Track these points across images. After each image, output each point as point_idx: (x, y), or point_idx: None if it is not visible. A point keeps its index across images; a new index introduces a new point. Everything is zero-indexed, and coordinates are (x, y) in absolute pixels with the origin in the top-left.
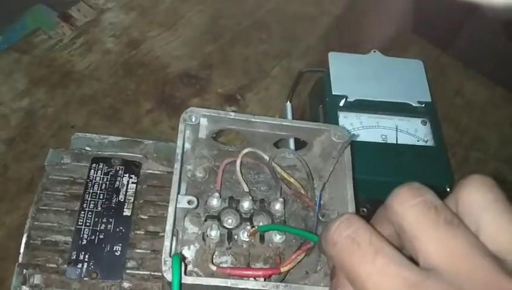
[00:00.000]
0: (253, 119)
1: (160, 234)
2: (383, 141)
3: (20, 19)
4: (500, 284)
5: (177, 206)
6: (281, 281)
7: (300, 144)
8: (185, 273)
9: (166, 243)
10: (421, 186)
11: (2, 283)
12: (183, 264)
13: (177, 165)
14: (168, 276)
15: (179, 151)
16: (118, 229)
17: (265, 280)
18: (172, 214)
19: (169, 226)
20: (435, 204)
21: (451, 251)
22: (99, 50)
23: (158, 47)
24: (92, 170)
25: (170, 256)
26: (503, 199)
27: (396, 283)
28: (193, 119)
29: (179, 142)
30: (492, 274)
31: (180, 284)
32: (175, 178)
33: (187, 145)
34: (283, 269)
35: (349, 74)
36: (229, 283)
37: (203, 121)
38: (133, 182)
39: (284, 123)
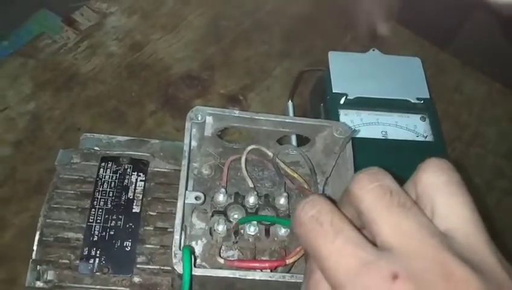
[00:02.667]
0: (257, 117)
1: (169, 230)
2: (383, 137)
3: (25, 24)
4: (444, 260)
5: (185, 202)
6: (286, 273)
7: (303, 141)
8: (195, 266)
9: (176, 236)
10: (379, 172)
11: (14, 282)
12: (192, 257)
13: (184, 162)
14: (179, 268)
15: (186, 148)
16: (127, 226)
17: (271, 272)
18: (181, 208)
19: (178, 220)
20: (391, 188)
21: (403, 231)
22: (103, 53)
23: (161, 49)
24: (101, 169)
25: (180, 249)
26: (456, 181)
27: (352, 262)
28: (199, 118)
29: (186, 140)
30: (438, 251)
31: (191, 276)
32: (183, 174)
33: (193, 143)
34: (288, 261)
35: (349, 72)
36: (237, 274)
37: (209, 120)
38: (141, 180)
39: (287, 120)
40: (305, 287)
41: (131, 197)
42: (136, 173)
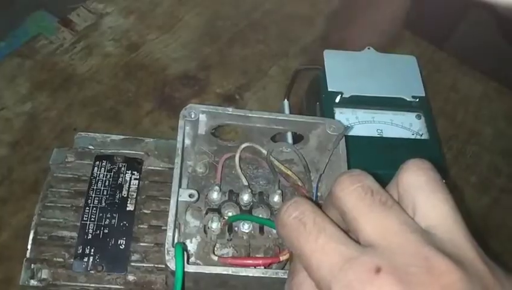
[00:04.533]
0: (250, 114)
1: (163, 228)
2: (378, 135)
3: (22, 25)
4: (426, 254)
5: (179, 199)
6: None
7: (297, 138)
8: (188, 263)
9: (169, 233)
10: (360, 173)
11: (10, 282)
12: (185, 253)
13: (177, 160)
14: (172, 265)
15: (179, 145)
16: (121, 224)
17: (265, 269)
18: (174, 205)
19: (171, 217)
20: (372, 188)
21: (385, 228)
22: (100, 53)
23: (157, 49)
24: (96, 168)
25: (173, 246)
26: (436, 180)
27: (335, 258)
28: (192, 116)
29: (179, 137)
30: (420, 246)
31: (183, 273)
32: (176, 172)
33: (187, 141)
34: (282, 258)
35: (344, 70)
36: (231, 271)
37: (202, 117)
38: (135, 178)
39: (280, 117)
40: (290, 286)
41: (125, 196)
42: (130, 172)
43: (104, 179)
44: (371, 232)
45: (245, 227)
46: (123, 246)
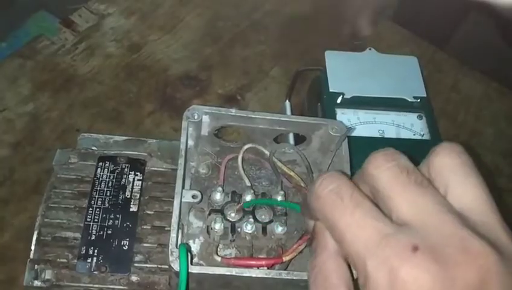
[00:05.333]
0: (253, 116)
1: (166, 229)
2: (380, 136)
3: (23, 25)
4: (461, 235)
5: (182, 200)
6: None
7: (299, 139)
8: (191, 264)
9: (173, 234)
10: (395, 152)
11: (12, 283)
12: (189, 254)
13: (181, 161)
14: (176, 266)
15: (182, 146)
16: (125, 225)
17: (268, 269)
18: (177, 206)
19: (175, 219)
20: (407, 167)
21: (420, 208)
22: (101, 54)
23: (158, 50)
24: (99, 169)
25: (176, 247)
26: (469, 164)
27: (372, 234)
28: (195, 117)
29: (182, 138)
30: (455, 227)
31: (187, 273)
32: (179, 173)
33: (190, 142)
34: (285, 258)
35: (345, 71)
36: (234, 271)
37: (205, 118)
38: (138, 179)
39: (283, 119)
40: (313, 265)
41: (128, 197)
42: (133, 173)
43: (107, 180)
44: (406, 211)
45: (248, 228)
46: (126, 246)
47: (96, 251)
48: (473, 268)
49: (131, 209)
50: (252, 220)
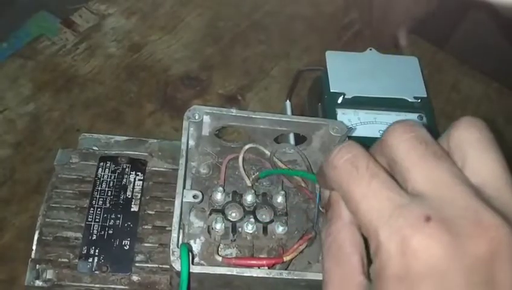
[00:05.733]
0: (254, 116)
1: (167, 229)
2: (380, 136)
3: (24, 26)
4: (475, 207)
5: (183, 200)
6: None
7: (300, 139)
8: (193, 264)
9: (174, 234)
10: (414, 123)
11: (13, 282)
12: (190, 254)
13: (182, 161)
14: (177, 266)
15: (183, 147)
16: (126, 225)
17: (269, 269)
18: (178, 206)
19: (176, 218)
20: (426, 139)
21: (436, 179)
22: (102, 54)
23: (159, 50)
24: (100, 169)
25: (178, 247)
26: (489, 138)
27: (386, 204)
28: (196, 117)
29: (183, 139)
30: (469, 200)
31: (189, 273)
32: (180, 173)
33: (191, 142)
34: (286, 258)
35: (346, 71)
36: (235, 271)
37: (206, 119)
38: (139, 179)
39: (284, 119)
40: (327, 233)
41: (129, 197)
42: (134, 173)
43: (109, 180)
44: (422, 182)
45: (249, 228)
46: (127, 246)
47: (97, 250)
48: (484, 240)
49: (132, 209)
50: (252, 220)
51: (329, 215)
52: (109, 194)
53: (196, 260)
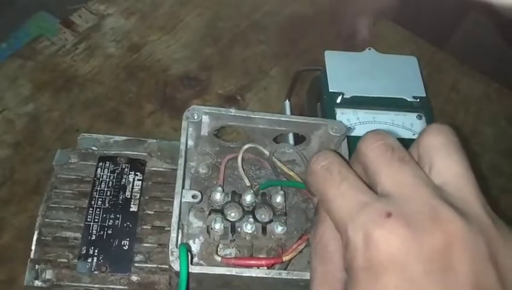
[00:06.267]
0: (252, 116)
1: (166, 229)
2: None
3: (23, 26)
4: (433, 204)
5: (182, 200)
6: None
7: (299, 139)
8: (191, 264)
9: (173, 234)
10: (383, 132)
11: (13, 283)
12: (189, 254)
13: (181, 161)
14: (176, 266)
15: (182, 147)
16: (125, 225)
17: (268, 269)
18: (177, 206)
19: (175, 218)
20: (393, 146)
21: (399, 180)
22: (101, 55)
23: (158, 50)
24: (99, 169)
25: (177, 247)
26: (454, 142)
27: (353, 203)
28: (195, 117)
29: (182, 139)
30: (428, 197)
31: (188, 273)
32: (179, 173)
33: (190, 142)
34: (285, 258)
35: (345, 71)
36: (234, 271)
37: (205, 118)
38: (138, 179)
39: (283, 118)
40: (313, 236)
41: (128, 197)
42: (133, 173)
43: (108, 180)
44: (387, 183)
45: (248, 228)
46: (127, 246)
47: (96, 250)
48: (440, 233)
49: (131, 209)
50: (252, 220)
51: (315, 219)
52: (108, 194)
53: (195, 260)
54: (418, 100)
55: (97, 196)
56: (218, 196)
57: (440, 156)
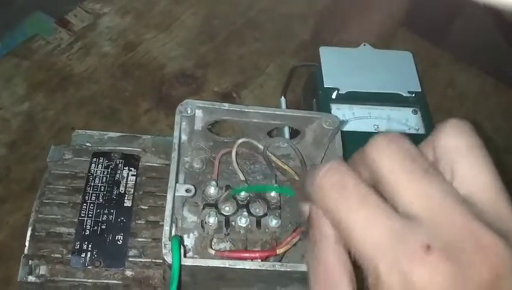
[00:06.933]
0: (246, 110)
1: (160, 223)
2: (375, 131)
3: (19, 25)
4: (473, 227)
5: (176, 194)
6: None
7: (293, 133)
8: (185, 257)
9: (166, 227)
10: (398, 135)
11: (8, 281)
12: (182, 247)
13: (174, 154)
14: (169, 258)
15: (175, 141)
16: (119, 220)
17: (262, 262)
18: (171, 200)
19: (168, 212)
20: (411, 153)
21: (428, 199)
22: (97, 53)
23: (154, 49)
24: (93, 164)
25: (170, 240)
26: (477, 145)
27: (382, 232)
28: (188, 111)
29: (176, 133)
30: (466, 219)
31: (180, 265)
32: (173, 167)
33: (184, 137)
34: (279, 251)
35: (340, 67)
36: (227, 263)
37: (199, 113)
38: (132, 175)
39: (277, 112)
40: (313, 255)
41: (122, 192)
42: (127, 168)
43: (102, 175)
44: (414, 202)
45: (242, 221)
46: (121, 241)
47: (90, 246)
48: (486, 265)
49: (125, 205)
50: (246, 213)
51: (312, 234)
52: (102, 189)
53: (189, 254)
54: (414, 95)
55: (91, 192)
56: (212, 190)
57: (464, 161)
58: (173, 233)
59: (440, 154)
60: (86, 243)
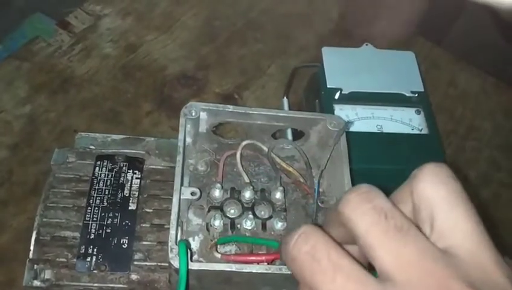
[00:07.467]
0: (250, 112)
1: (165, 227)
2: (378, 131)
3: (20, 28)
4: (448, 284)
5: (181, 197)
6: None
7: (297, 135)
8: (191, 261)
9: (172, 231)
10: (369, 190)
11: (12, 284)
12: (189, 251)
13: (179, 158)
14: (175, 263)
15: (180, 144)
16: (124, 223)
17: (268, 265)
18: (176, 203)
19: (174, 215)
20: (385, 210)
21: (403, 259)
22: (98, 55)
23: (155, 50)
24: (97, 167)
25: (176, 244)
26: (457, 192)
27: None
28: (193, 114)
29: (180, 135)
30: (442, 279)
31: (187, 270)
32: (177, 170)
33: (188, 140)
34: None
35: (342, 67)
36: (234, 267)
37: (203, 115)
38: (137, 178)
39: (281, 114)
40: None
41: (127, 195)
42: (131, 171)
43: (106, 178)
44: (389, 263)
45: (247, 224)
46: (126, 245)
47: (95, 249)
48: None
49: (130, 208)
50: (251, 216)
51: None
52: (106, 192)
53: (195, 257)
54: (417, 95)
55: (95, 195)
56: (217, 193)
57: (443, 211)
58: (179, 236)
59: (418, 202)
60: (91, 247)
